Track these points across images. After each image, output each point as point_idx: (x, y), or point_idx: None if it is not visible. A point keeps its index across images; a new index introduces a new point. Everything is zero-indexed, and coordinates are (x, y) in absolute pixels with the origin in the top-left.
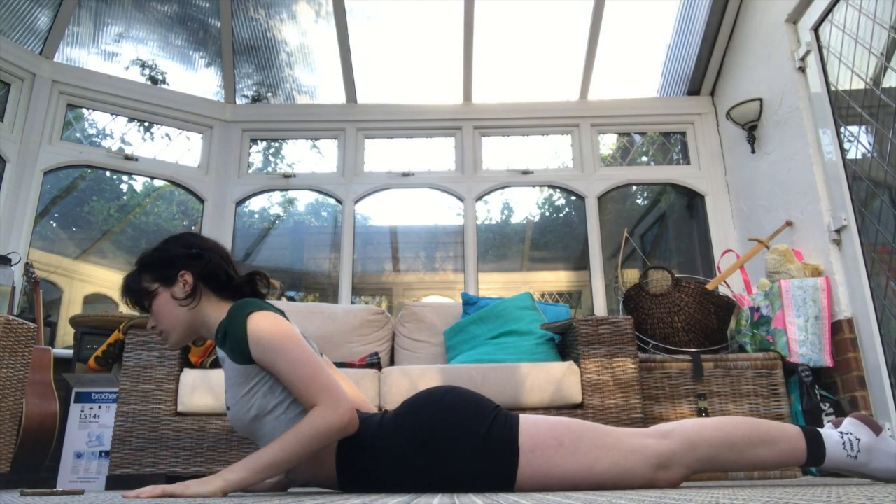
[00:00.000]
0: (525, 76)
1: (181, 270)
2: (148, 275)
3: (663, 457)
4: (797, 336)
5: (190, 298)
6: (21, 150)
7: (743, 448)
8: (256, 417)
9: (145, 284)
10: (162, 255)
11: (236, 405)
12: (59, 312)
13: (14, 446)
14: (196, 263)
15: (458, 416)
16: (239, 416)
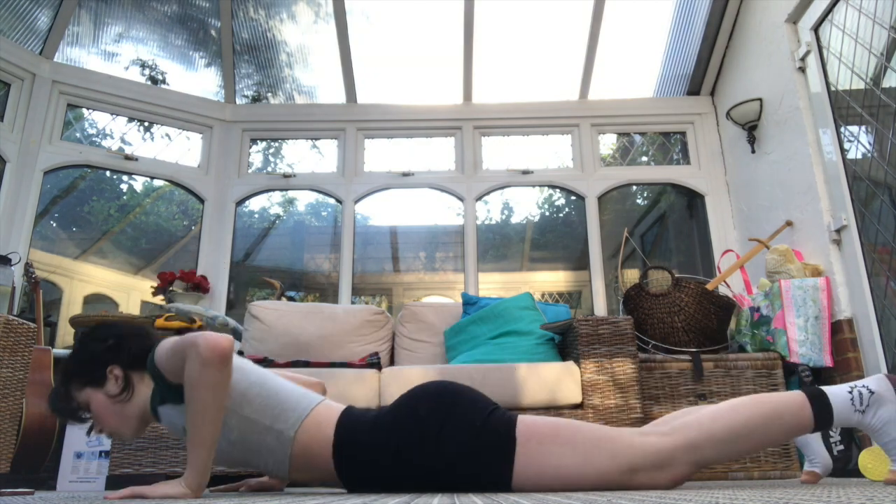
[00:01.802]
0: (525, 76)
1: (108, 366)
2: (76, 383)
3: (664, 455)
4: (797, 336)
5: (125, 392)
6: (21, 150)
7: (748, 434)
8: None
9: (76, 394)
10: (83, 357)
11: None
12: (59, 312)
13: (14, 446)
14: (119, 355)
15: (455, 409)
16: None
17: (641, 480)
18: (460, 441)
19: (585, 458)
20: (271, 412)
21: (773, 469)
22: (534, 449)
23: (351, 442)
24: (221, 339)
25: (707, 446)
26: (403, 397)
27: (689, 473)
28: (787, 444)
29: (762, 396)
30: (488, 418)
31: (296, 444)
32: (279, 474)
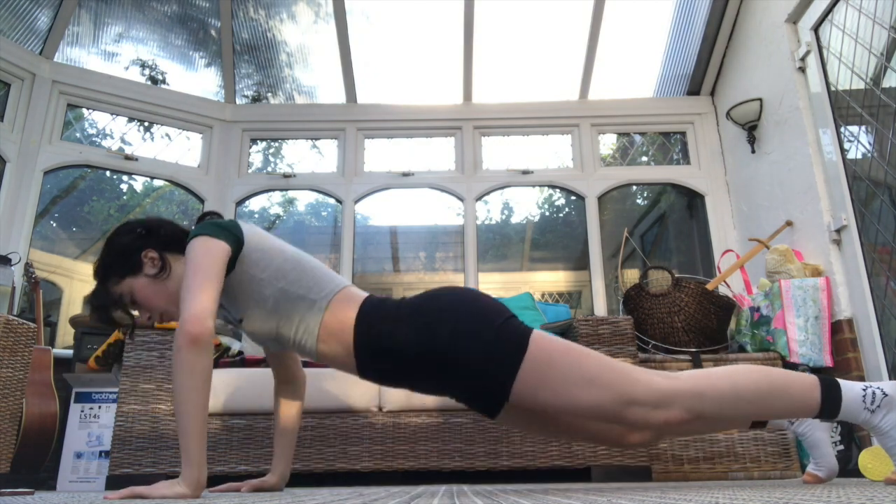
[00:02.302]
0: (525, 76)
1: (142, 251)
2: (113, 278)
3: (666, 395)
4: (797, 336)
5: (163, 271)
6: (21, 150)
7: (751, 398)
8: (274, 301)
9: (115, 289)
10: (116, 251)
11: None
12: (59, 312)
13: (14, 446)
14: (151, 238)
15: (477, 305)
16: (261, 318)
17: (636, 415)
18: (476, 336)
19: (588, 383)
20: (306, 284)
21: (773, 469)
22: (542, 361)
23: (374, 315)
24: (193, 326)
25: (710, 398)
26: (429, 291)
27: (684, 420)
28: (787, 444)
29: (775, 369)
30: (507, 322)
31: (327, 314)
32: (307, 345)
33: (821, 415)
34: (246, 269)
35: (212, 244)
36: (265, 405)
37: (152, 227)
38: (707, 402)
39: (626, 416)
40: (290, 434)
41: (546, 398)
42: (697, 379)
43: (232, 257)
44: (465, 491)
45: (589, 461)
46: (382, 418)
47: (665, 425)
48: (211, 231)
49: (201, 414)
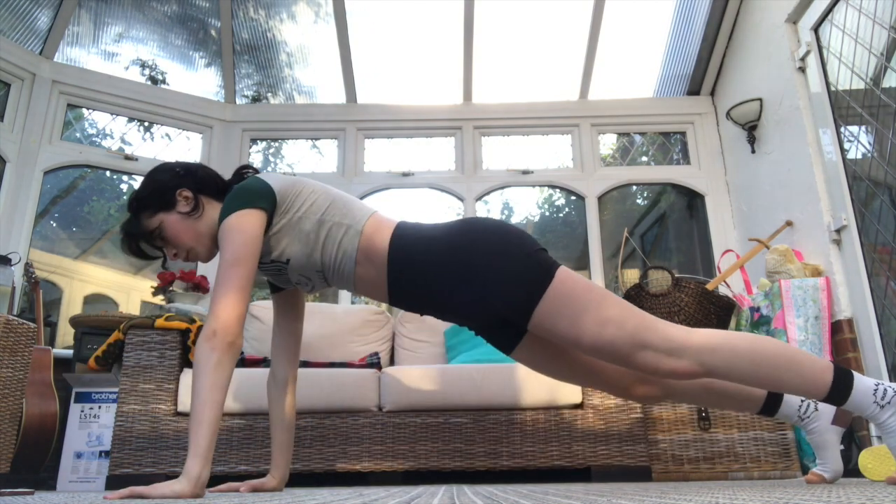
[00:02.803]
0: (525, 76)
1: (177, 189)
2: (147, 211)
3: (680, 344)
4: (797, 336)
5: (195, 210)
6: (21, 150)
7: (763, 364)
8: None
9: (147, 222)
10: (153, 186)
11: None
12: (59, 312)
13: (14, 446)
14: (187, 179)
15: (511, 233)
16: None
17: (647, 359)
18: (507, 260)
19: (606, 320)
20: (340, 211)
21: (773, 469)
22: (565, 292)
23: (407, 236)
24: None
25: (723, 355)
26: (464, 218)
27: (694, 372)
28: (788, 444)
29: (793, 346)
30: (537, 252)
31: (363, 237)
32: (346, 269)
33: (828, 398)
34: (283, 214)
35: (247, 219)
36: (264, 405)
37: (190, 168)
38: (718, 358)
39: (638, 358)
40: (285, 435)
41: (564, 328)
42: (713, 335)
43: (269, 217)
44: (465, 491)
45: (589, 461)
46: (382, 418)
47: (673, 374)
48: (244, 201)
49: (217, 411)
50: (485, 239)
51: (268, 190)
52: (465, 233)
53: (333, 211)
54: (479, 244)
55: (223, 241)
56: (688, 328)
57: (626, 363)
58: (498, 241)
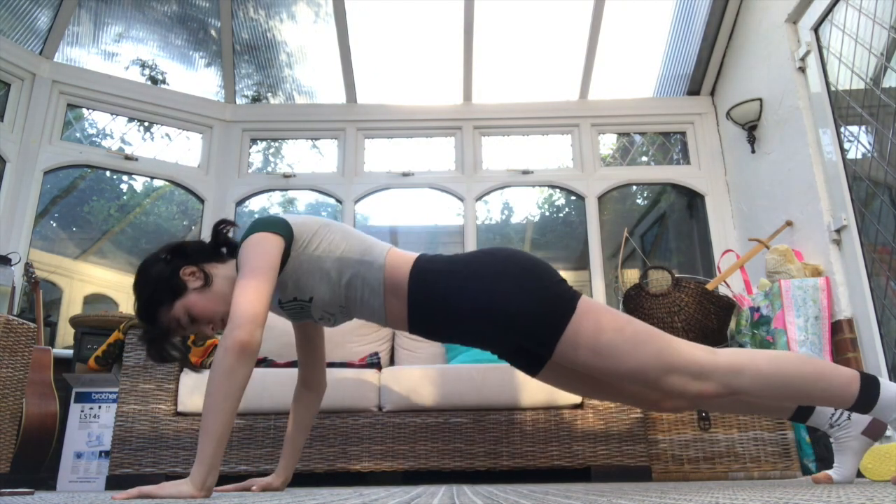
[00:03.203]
0: (525, 76)
1: (179, 272)
2: (163, 308)
3: (705, 367)
4: (797, 336)
5: (207, 280)
6: (21, 150)
7: (789, 382)
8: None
9: (168, 317)
10: (154, 283)
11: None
12: (59, 312)
13: (14, 446)
14: (179, 258)
15: (531, 264)
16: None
17: (673, 383)
18: (528, 292)
19: (631, 347)
20: (359, 249)
21: (773, 469)
22: (588, 323)
23: (427, 267)
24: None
25: (749, 375)
26: (482, 249)
27: (721, 393)
28: (788, 444)
29: (817, 359)
30: (558, 283)
31: (386, 272)
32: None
33: (854, 407)
34: (302, 252)
35: (267, 239)
36: (265, 405)
37: (175, 247)
38: (744, 380)
39: (664, 383)
40: (301, 438)
41: (588, 358)
42: (738, 356)
43: (286, 247)
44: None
45: (589, 461)
46: (382, 418)
47: (699, 397)
48: (264, 227)
49: (228, 419)
50: (505, 271)
51: (284, 222)
52: (485, 265)
53: (352, 249)
54: (500, 277)
55: (242, 259)
56: (711, 349)
57: (653, 387)
58: (518, 273)
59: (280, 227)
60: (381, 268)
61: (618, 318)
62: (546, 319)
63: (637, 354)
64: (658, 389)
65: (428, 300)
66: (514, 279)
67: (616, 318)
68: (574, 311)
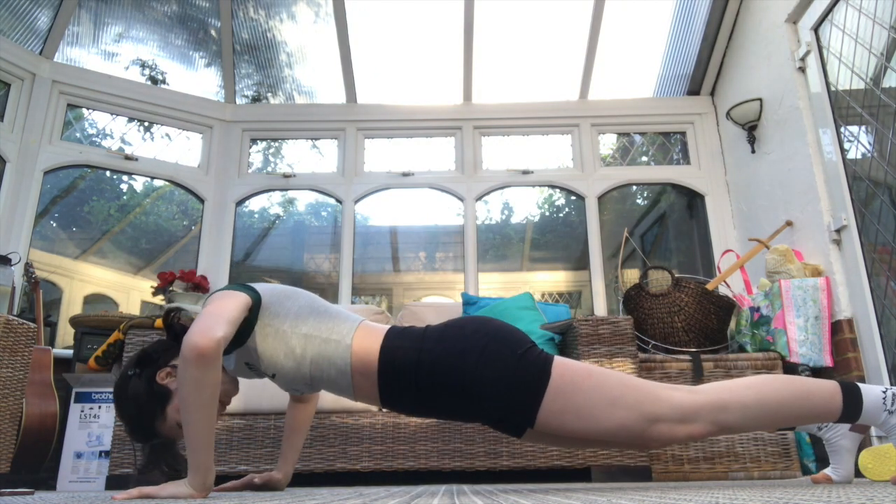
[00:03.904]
0: (525, 76)
1: (155, 379)
2: (158, 420)
3: (688, 410)
4: (797, 336)
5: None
6: (21, 150)
7: (775, 410)
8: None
9: (165, 425)
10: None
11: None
12: (59, 312)
13: (14, 446)
14: (150, 366)
15: (500, 334)
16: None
17: (661, 431)
18: (500, 364)
19: (611, 403)
20: (326, 326)
21: (773, 469)
22: (565, 387)
23: (397, 344)
24: (201, 338)
25: (734, 409)
26: (452, 320)
27: (709, 432)
28: (788, 444)
29: (797, 377)
30: (529, 350)
31: (353, 352)
32: (342, 384)
33: (842, 419)
34: (268, 324)
35: (232, 293)
36: (264, 405)
37: (139, 359)
38: (731, 414)
39: (651, 433)
40: (299, 437)
41: (571, 422)
42: (719, 392)
43: (252, 314)
44: (465, 491)
45: (589, 461)
46: (382, 418)
47: (689, 439)
48: (230, 287)
49: (208, 426)
50: (474, 346)
51: (253, 290)
52: (454, 341)
53: (318, 324)
54: (470, 352)
55: (206, 307)
56: (690, 388)
57: (641, 440)
58: (488, 346)
59: (249, 291)
60: (347, 348)
61: (593, 376)
62: (522, 389)
63: (618, 409)
64: (647, 439)
65: (399, 382)
66: (485, 352)
67: (591, 376)
68: (549, 376)
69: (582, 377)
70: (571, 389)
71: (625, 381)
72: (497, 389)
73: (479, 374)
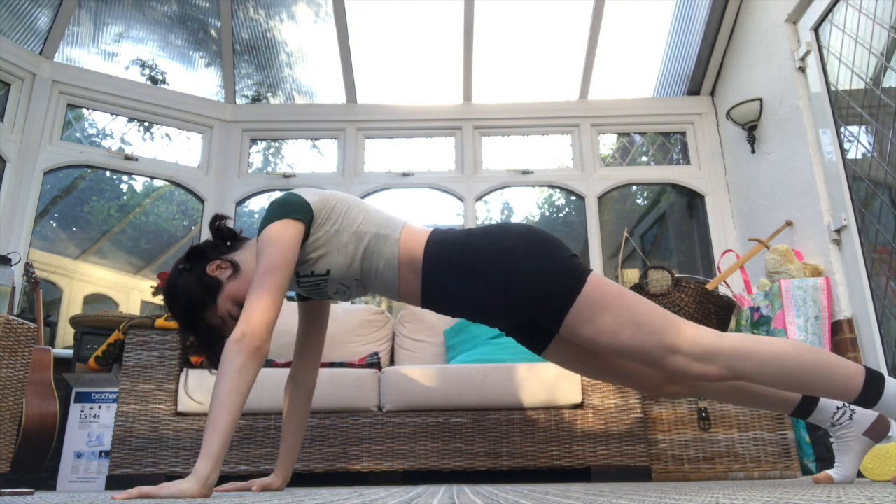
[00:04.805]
0: (525, 76)
1: (205, 272)
2: (208, 311)
3: (710, 350)
4: (797, 336)
5: (236, 267)
6: (21, 150)
7: (794, 370)
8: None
9: (216, 316)
10: (187, 292)
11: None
12: (59, 312)
13: (14, 446)
14: (200, 261)
15: (544, 238)
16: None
17: (676, 363)
18: (541, 264)
19: (636, 326)
20: (376, 222)
21: (773, 469)
22: (596, 298)
23: (442, 239)
24: (259, 338)
25: (752, 360)
26: (498, 222)
27: (722, 376)
28: (788, 444)
29: (826, 351)
30: (570, 258)
31: (402, 245)
32: (389, 277)
33: (858, 401)
34: (320, 227)
35: (286, 229)
36: (264, 405)
37: (189, 254)
38: (749, 364)
39: (668, 363)
40: (300, 433)
41: (594, 334)
42: (744, 341)
43: (306, 230)
44: (465, 491)
45: (589, 461)
46: (382, 418)
47: (701, 378)
48: (283, 212)
49: (235, 415)
50: (517, 244)
51: (304, 203)
52: (498, 238)
53: (369, 222)
54: (512, 249)
55: (261, 251)
56: (719, 332)
57: (656, 367)
58: (530, 246)
59: (300, 211)
60: (396, 241)
61: (625, 297)
62: (556, 292)
63: (641, 332)
64: (661, 369)
65: (442, 274)
66: (526, 253)
67: (623, 297)
68: (583, 286)
69: (614, 295)
70: (602, 302)
71: (654, 308)
72: (534, 287)
73: (519, 271)
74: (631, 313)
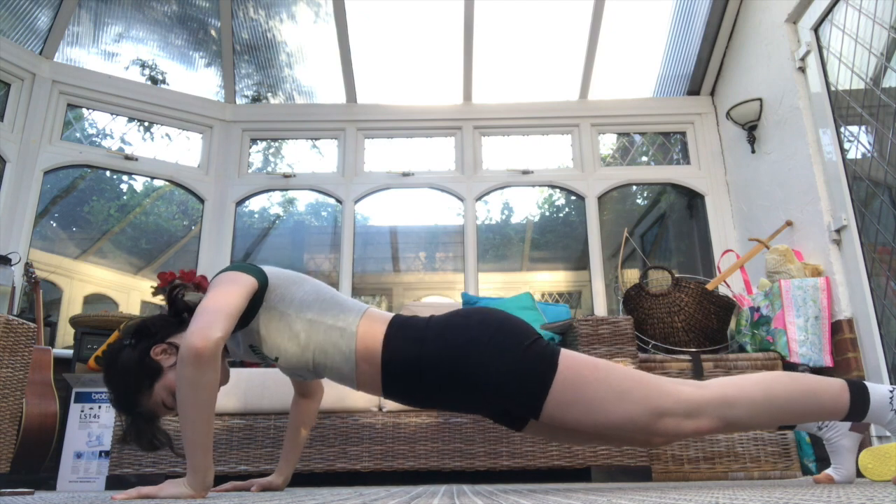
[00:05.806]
0: (525, 76)
1: (148, 354)
2: (144, 394)
3: (694, 404)
4: (797, 336)
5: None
6: (21, 150)
7: (783, 406)
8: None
9: (151, 401)
10: (125, 373)
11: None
12: (59, 312)
13: (14, 446)
14: (144, 340)
15: (507, 326)
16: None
17: (667, 425)
18: (506, 357)
19: (618, 397)
20: (332, 312)
21: (773, 469)
22: (573, 378)
23: (401, 333)
24: (199, 339)
25: (741, 405)
26: (456, 310)
27: (716, 428)
28: (788, 444)
29: (805, 374)
30: (535, 342)
31: (358, 340)
32: (346, 371)
33: (848, 417)
34: (273, 306)
35: (239, 275)
36: (264, 405)
37: (137, 329)
38: (738, 410)
39: (658, 427)
40: (301, 439)
41: (577, 415)
42: (726, 387)
43: (258, 297)
44: (465, 491)
45: (589, 461)
46: (382, 418)
47: (696, 433)
48: (237, 267)
49: (205, 427)
50: (478, 336)
51: (260, 271)
52: (459, 331)
53: (323, 310)
54: (473, 343)
55: (210, 290)
56: (698, 383)
57: (647, 434)
58: (494, 336)
59: (255, 273)
60: (353, 335)
61: (599, 368)
62: (529, 381)
63: (626, 401)
64: (654, 435)
65: (403, 371)
66: (490, 344)
67: (598, 368)
68: (556, 368)
69: (589, 370)
70: (579, 382)
71: (631, 375)
72: (503, 382)
73: (485, 367)
74: (610, 385)
